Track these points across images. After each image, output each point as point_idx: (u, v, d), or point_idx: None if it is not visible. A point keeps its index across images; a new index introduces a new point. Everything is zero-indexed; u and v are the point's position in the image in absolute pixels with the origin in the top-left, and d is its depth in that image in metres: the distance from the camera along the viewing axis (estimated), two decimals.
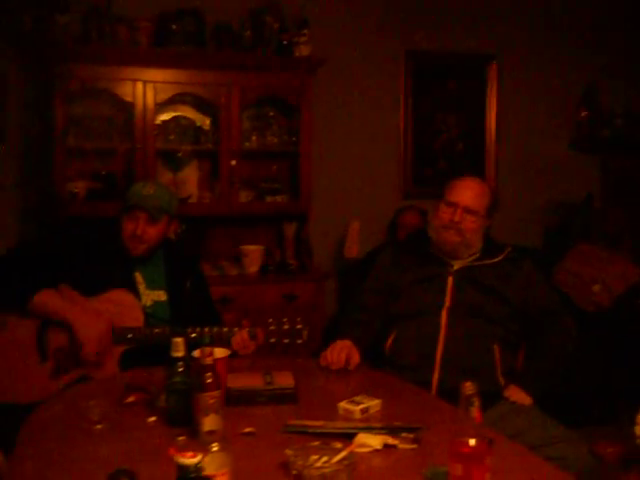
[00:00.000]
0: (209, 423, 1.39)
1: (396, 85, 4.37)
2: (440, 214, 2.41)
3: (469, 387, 1.70)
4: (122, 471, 1.30)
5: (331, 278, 4.09)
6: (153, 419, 1.77)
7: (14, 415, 1.93)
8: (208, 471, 1.02)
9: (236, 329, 2.35)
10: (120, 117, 3.60)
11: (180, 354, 1.73)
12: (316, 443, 1.55)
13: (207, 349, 1.64)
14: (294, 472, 1.44)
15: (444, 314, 2.34)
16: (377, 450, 1.58)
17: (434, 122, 4.51)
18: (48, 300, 2.27)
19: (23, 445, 1.61)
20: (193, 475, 0.91)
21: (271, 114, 3.93)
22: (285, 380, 1.96)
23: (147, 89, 3.49)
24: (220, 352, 1.88)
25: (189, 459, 0.90)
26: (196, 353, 1.79)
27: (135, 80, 3.47)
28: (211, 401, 1.44)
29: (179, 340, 1.73)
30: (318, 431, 1.66)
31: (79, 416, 1.76)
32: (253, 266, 3.80)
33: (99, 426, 1.71)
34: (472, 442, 1.27)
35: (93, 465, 1.50)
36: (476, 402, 1.71)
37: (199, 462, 0.92)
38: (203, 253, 3.73)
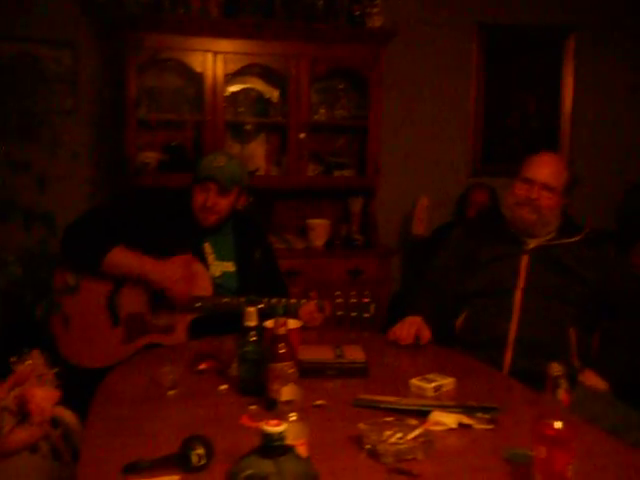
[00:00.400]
0: (287, 393, 1.37)
1: (468, 59, 4.24)
2: (516, 191, 2.32)
3: (556, 368, 1.64)
4: (197, 437, 1.30)
5: (396, 255, 4.04)
6: (224, 387, 1.77)
7: (87, 378, 1.96)
8: (287, 440, 0.99)
9: (304, 301, 2.33)
10: (190, 88, 3.61)
11: (253, 323, 1.72)
12: (390, 419, 1.53)
13: (281, 319, 1.63)
14: (367, 446, 1.41)
15: (518, 294, 2.26)
16: (452, 429, 1.54)
17: (507, 98, 4.37)
18: (122, 256, 2.30)
19: (97, 408, 1.63)
20: (277, 443, 0.89)
21: (340, 87, 3.88)
22: (355, 354, 1.94)
23: (217, 60, 3.48)
24: (293, 323, 1.86)
25: (274, 427, 0.88)
26: (268, 323, 1.78)
27: (205, 51, 3.46)
28: (290, 371, 1.43)
29: (252, 310, 1.72)
30: (390, 407, 1.63)
31: (152, 382, 1.77)
32: (319, 240, 3.78)
33: (172, 392, 1.72)
34: (558, 425, 1.22)
35: (166, 430, 1.50)
36: (563, 384, 1.65)
37: (283, 431, 0.90)
38: (269, 226, 3.73)
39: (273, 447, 0.89)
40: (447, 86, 4.20)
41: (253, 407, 1.62)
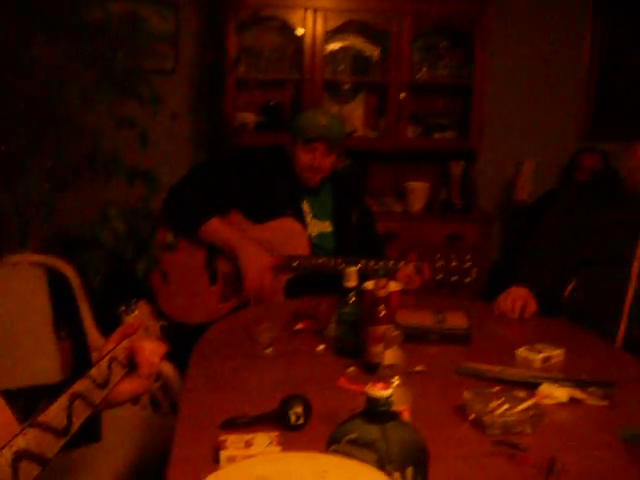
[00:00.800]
0: (390, 356, 1.32)
1: (581, 14, 3.96)
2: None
3: None
4: (296, 397, 1.26)
5: (497, 221, 3.87)
6: (322, 347, 1.73)
7: (185, 334, 1.98)
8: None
9: (402, 263, 2.25)
10: (289, 47, 3.55)
11: (352, 284, 1.67)
12: (496, 389, 1.45)
13: (382, 280, 1.56)
14: (472, 416, 1.34)
15: (636, 264, 2.10)
16: (562, 403, 1.45)
17: (621, 60, 4.06)
18: (217, 229, 2.31)
19: (196, 364, 1.63)
20: (383, 409, 0.83)
21: (443, 45, 3.71)
22: (458, 320, 1.85)
23: (317, 17, 3.40)
24: (394, 286, 1.80)
25: (380, 391, 0.83)
26: (368, 285, 1.72)
27: (306, 8, 3.38)
28: (393, 334, 1.36)
29: (352, 270, 1.67)
30: (495, 377, 1.55)
31: (249, 339, 1.76)
32: (417, 204, 3.68)
33: (268, 350, 1.70)
34: None
35: (263, 388, 1.49)
36: None
37: (390, 395, 0.84)
38: (366, 189, 3.65)
39: (379, 412, 0.83)
40: (557, 43, 3.94)
41: (351, 369, 1.57)
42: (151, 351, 1.22)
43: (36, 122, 1.96)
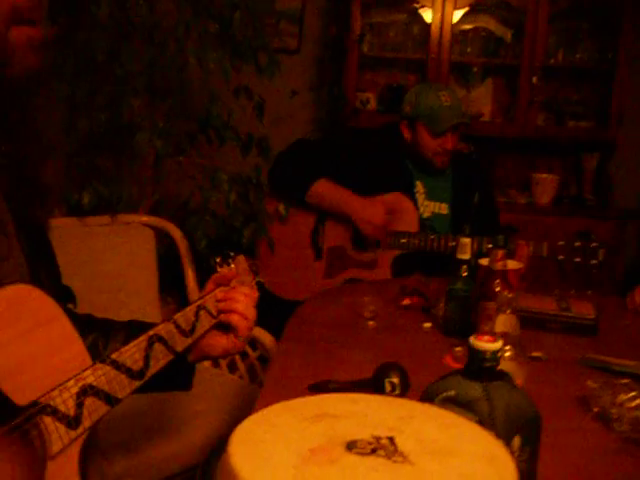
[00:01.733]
0: (501, 323, 1.17)
1: None
2: None
3: None
4: (393, 365, 1.14)
5: (635, 219, 3.54)
6: (428, 325, 1.60)
7: (288, 310, 1.91)
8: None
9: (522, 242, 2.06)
10: (416, 26, 3.41)
11: (466, 256, 1.52)
12: (625, 381, 1.26)
13: (499, 251, 1.41)
14: (596, 409, 1.17)
15: None
16: None
17: None
18: (325, 189, 2.24)
19: (291, 329, 1.55)
20: (489, 364, 0.70)
21: (583, 27, 3.43)
22: (584, 308, 1.66)
23: None
24: (513, 264, 1.63)
25: (487, 343, 0.69)
26: (483, 260, 1.57)
27: None
28: (509, 295, 1.21)
29: (466, 241, 1.52)
30: (625, 370, 1.36)
31: (351, 311, 1.66)
32: (544, 197, 3.42)
33: (371, 323, 1.59)
34: None
35: (360, 357, 1.38)
36: None
37: (498, 350, 0.70)
38: (492, 176, 3.45)
39: (483, 368, 0.70)
40: None
41: (459, 349, 1.43)
42: (244, 303, 1.14)
43: (152, 83, 1.95)
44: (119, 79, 1.84)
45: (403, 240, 2.18)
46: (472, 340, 0.71)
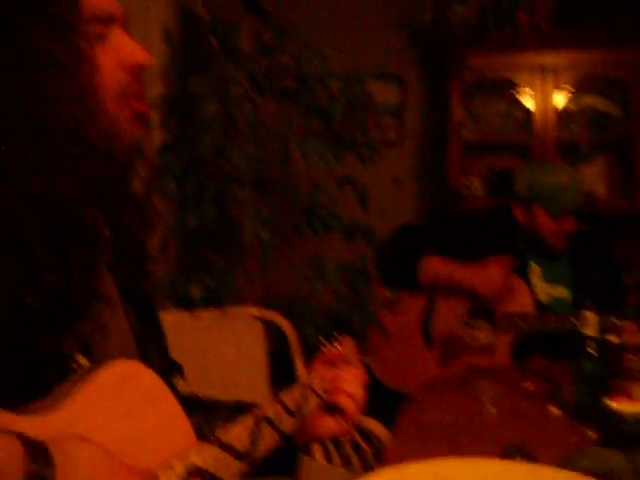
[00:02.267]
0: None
1: None
2: None
3: None
4: (518, 447, 1.04)
5: None
6: (555, 411, 1.46)
7: (399, 401, 1.82)
8: None
9: None
10: (517, 108, 3.37)
11: (592, 333, 1.40)
12: None
13: (629, 324, 1.29)
14: None
15: None
16: None
17: None
18: (436, 263, 2.17)
19: (407, 415, 1.46)
20: (630, 429, 0.60)
21: None
22: None
23: (547, 75, 3.21)
24: None
25: (627, 405, 0.60)
26: (612, 337, 1.44)
27: (534, 66, 3.22)
28: None
29: (591, 314, 1.41)
30: None
31: (469, 397, 1.55)
32: None
33: (492, 408, 1.48)
34: None
35: (484, 444, 1.27)
36: None
37: None
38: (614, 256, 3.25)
39: (625, 434, 0.60)
40: None
41: (594, 434, 1.29)
42: (352, 383, 1.09)
43: (257, 177, 2.01)
44: (225, 174, 1.90)
45: (520, 322, 2.06)
46: (609, 402, 0.62)
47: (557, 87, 3.23)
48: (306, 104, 2.11)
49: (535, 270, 2.24)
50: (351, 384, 1.09)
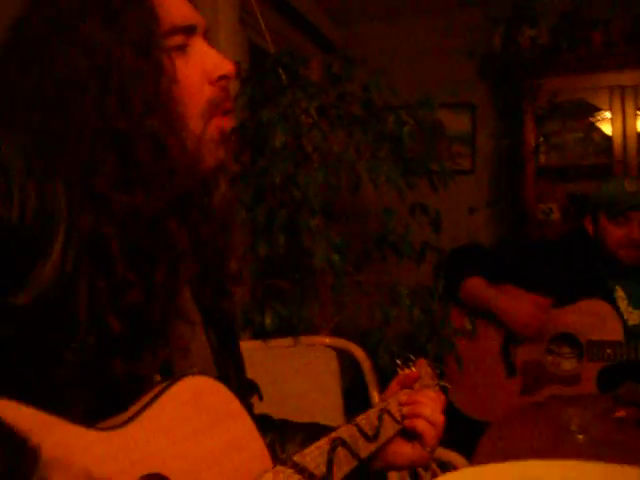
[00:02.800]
0: None
1: None
2: None
3: None
4: None
5: None
6: None
7: (479, 431, 1.75)
8: None
9: None
10: (594, 130, 3.27)
11: None
12: None
13: None
14: None
15: None
16: None
17: None
18: (476, 286, 2.13)
19: (488, 443, 1.40)
20: None
21: None
22: None
23: (625, 95, 3.10)
24: None
25: None
26: None
27: (611, 87, 3.12)
28: None
29: None
30: None
31: (555, 425, 1.47)
32: None
33: (580, 437, 1.39)
34: None
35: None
36: None
37: None
38: None
39: None
40: None
41: None
42: (431, 407, 1.04)
43: (327, 204, 1.99)
44: (296, 201, 1.90)
45: (609, 350, 1.95)
46: None
47: (637, 107, 3.11)
48: (375, 131, 2.09)
49: (621, 295, 2.13)
50: (430, 409, 1.04)
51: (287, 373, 1.96)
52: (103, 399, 0.70)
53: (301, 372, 1.98)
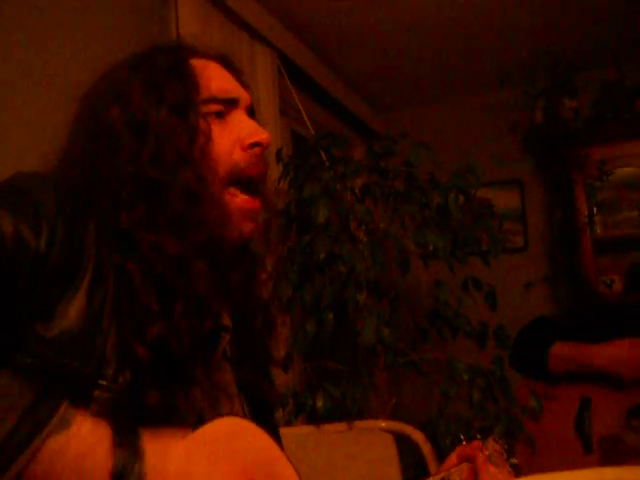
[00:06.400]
0: None
1: None
2: None
3: None
4: None
5: None
6: None
7: None
8: None
9: None
10: None
11: None
12: None
13: None
14: None
15: None
16: None
17: None
18: (565, 349, 1.98)
19: None
20: None
21: None
22: None
23: None
24: None
25: None
26: None
27: None
28: None
29: None
30: None
31: None
32: None
33: None
34: None
35: None
36: None
37: None
38: None
39: None
40: None
41: None
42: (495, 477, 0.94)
43: (374, 278, 1.94)
44: (342, 277, 1.85)
45: None
46: None
47: None
48: (420, 203, 2.06)
49: None
50: (493, 477, 0.94)
51: (342, 459, 1.84)
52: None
53: (357, 459, 1.87)
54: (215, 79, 0.90)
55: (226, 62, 0.95)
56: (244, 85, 0.96)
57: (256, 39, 2.55)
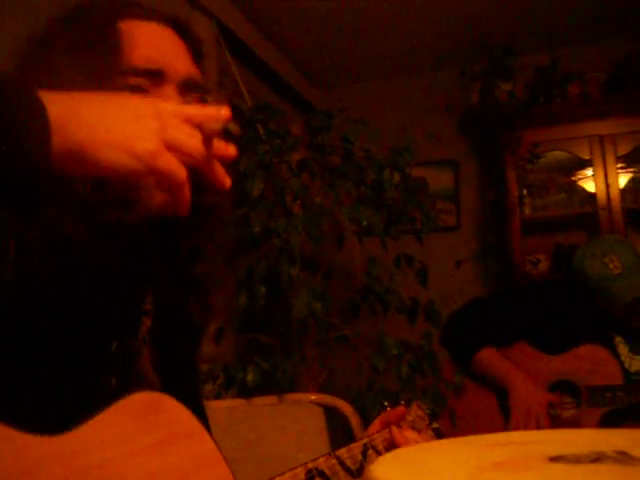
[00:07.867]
0: None
1: None
2: None
3: None
4: None
5: None
6: None
7: None
8: None
9: None
10: (576, 179, 3.27)
11: None
12: None
13: None
14: None
15: None
16: None
17: None
18: (489, 359, 2.03)
19: None
20: None
21: None
22: None
23: (605, 144, 3.12)
24: None
25: None
26: None
27: (589, 136, 3.14)
28: None
29: None
30: None
31: None
32: None
33: None
34: None
35: None
36: None
37: None
38: None
39: None
40: None
41: None
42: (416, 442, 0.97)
43: (308, 252, 1.95)
44: (276, 251, 1.85)
45: (608, 395, 1.88)
46: None
47: (617, 155, 3.12)
48: (356, 179, 2.07)
49: (620, 340, 2.06)
50: (414, 442, 0.97)
51: (272, 432, 1.86)
52: (50, 402, 0.69)
53: (287, 431, 1.88)
54: (142, 46, 0.78)
55: (178, 27, 0.85)
56: (197, 56, 0.86)
57: (195, 7, 2.49)
